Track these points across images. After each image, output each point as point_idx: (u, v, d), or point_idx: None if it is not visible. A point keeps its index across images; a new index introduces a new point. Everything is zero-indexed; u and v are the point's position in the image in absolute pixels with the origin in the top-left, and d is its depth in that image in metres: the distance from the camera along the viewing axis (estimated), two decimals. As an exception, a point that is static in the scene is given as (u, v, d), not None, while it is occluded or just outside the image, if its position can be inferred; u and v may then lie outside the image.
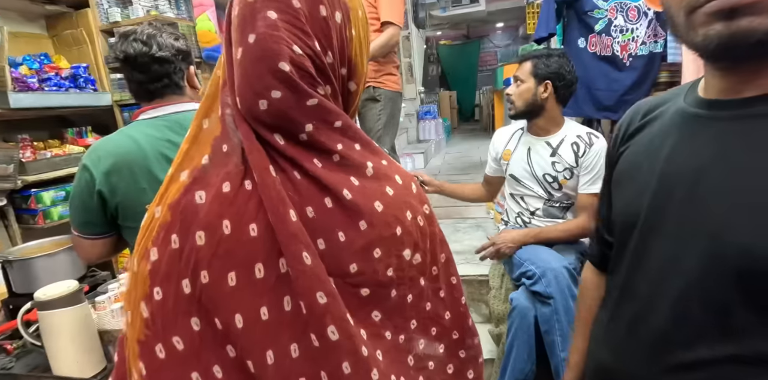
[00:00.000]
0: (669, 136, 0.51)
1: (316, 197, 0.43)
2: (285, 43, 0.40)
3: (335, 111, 0.44)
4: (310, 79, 0.42)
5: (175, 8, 2.25)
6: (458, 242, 2.28)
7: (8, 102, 1.72)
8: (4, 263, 1.47)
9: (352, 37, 0.46)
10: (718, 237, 0.43)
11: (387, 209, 0.45)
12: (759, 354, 0.42)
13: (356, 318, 0.42)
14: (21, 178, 1.75)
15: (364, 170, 0.45)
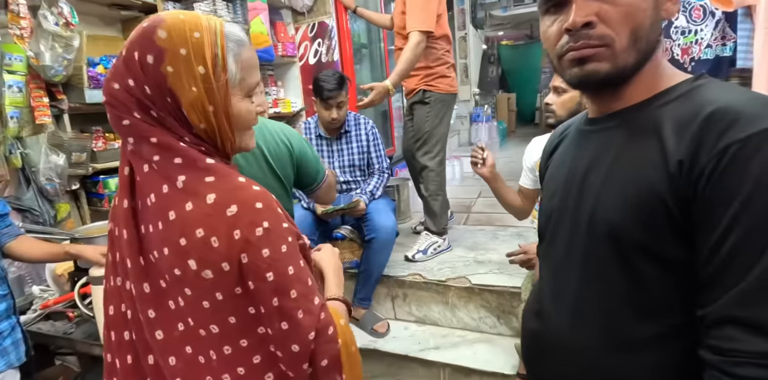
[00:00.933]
0: (570, 149, 0.69)
1: (145, 190, 0.59)
2: (108, 81, 0.59)
3: (151, 130, 0.58)
4: (122, 106, 0.58)
5: (231, 12, 2.40)
6: (495, 250, 2.22)
7: (84, 97, 1.95)
8: (72, 240, 1.66)
9: (168, 73, 0.56)
10: (593, 216, 0.59)
11: (178, 219, 0.56)
12: (628, 297, 0.56)
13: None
14: (92, 165, 1.97)
15: (174, 182, 0.57)
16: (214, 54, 0.57)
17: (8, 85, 1.77)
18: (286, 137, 1.33)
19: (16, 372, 1.22)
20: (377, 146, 2.18)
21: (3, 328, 1.20)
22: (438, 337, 1.87)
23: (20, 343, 1.25)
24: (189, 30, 0.56)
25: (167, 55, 0.56)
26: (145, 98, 0.57)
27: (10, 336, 1.21)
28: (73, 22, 1.88)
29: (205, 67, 0.57)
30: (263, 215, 0.57)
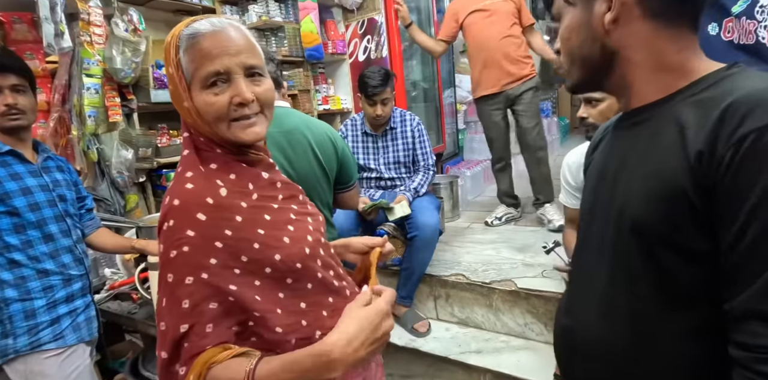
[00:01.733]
0: (605, 147, 0.70)
1: None
2: None
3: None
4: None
5: (283, 12, 2.48)
6: (541, 253, 2.09)
7: (150, 97, 2.10)
8: (137, 228, 1.81)
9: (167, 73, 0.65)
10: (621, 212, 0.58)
11: None
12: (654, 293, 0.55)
13: None
14: (156, 160, 2.13)
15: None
16: (171, 54, 0.62)
17: (87, 88, 1.96)
18: (332, 135, 1.40)
19: (87, 346, 1.33)
20: (423, 142, 2.14)
21: (78, 305, 1.30)
22: (480, 341, 1.80)
23: (93, 320, 1.36)
24: (169, 36, 0.63)
25: (165, 60, 0.64)
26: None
27: (84, 312, 1.32)
28: (141, 28, 2.04)
29: (171, 67, 0.63)
30: (173, 214, 0.59)
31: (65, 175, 1.35)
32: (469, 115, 4.11)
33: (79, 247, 1.33)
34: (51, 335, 1.21)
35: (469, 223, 2.76)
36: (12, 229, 1.17)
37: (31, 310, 1.19)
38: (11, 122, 1.18)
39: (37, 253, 1.20)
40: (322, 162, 1.38)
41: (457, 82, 3.96)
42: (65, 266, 1.26)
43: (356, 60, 2.90)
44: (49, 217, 1.23)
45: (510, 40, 2.41)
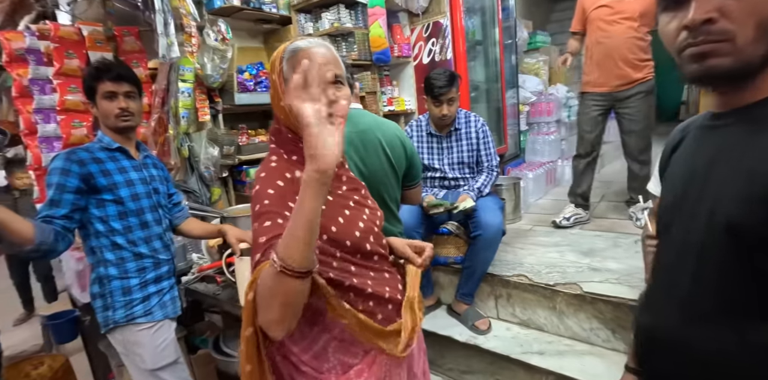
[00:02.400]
0: (692, 145, 0.69)
1: None
2: None
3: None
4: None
5: (353, 19, 2.59)
6: (614, 258, 2.02)
7: (234, 100, 2.31)
8: (221, 218, 2.00)
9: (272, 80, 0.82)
10: (713, 211, 0.57)
11: None
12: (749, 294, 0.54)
13: None
14: (238, 157, 2.33)
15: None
16: (275, 64, 0.80)
17: (181, 91, 2.19)
18: (401, 135, 1.48)
19: (173, 322, 1.47)
20: (487, 143, 2.15)
21: (164, 286, 1.45)
22: (542, 342, 1.78)
23: (177, 299, 1.50)
24: (276, 51, 0.82)
25: (270, 68, 0.82)
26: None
27: (169, 292, 1.46)
28: (228, 37, 2.24)
29: (274, 73, 0.80)
30: (259, 181, 0.77)
31: (159, 171, 1.51)
32: (532, 116, 4.02)
33: (167, 235, 1.47)
34: (142, 310, 1.35)
35: (531, 225, 2.72)
36: (117, 215, 1.32)
37: (128, 287, 1.35)
38: (123, 123, 1.34)
39: (134, 238, 1.35)
40: (392, 160, 1.46)
41: (521, 83, 3.89)
42: (156, 250, 1.40)
43: (420, 62, 2.97)
44: (146, 207, 1.38)
45: (631, 42, 2.35)
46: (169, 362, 1.40)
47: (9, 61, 1.99)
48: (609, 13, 2.38)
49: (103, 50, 2.12)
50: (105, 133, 1.37)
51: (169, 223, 1.53)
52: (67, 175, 1.23)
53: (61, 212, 1.21)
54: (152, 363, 1.38)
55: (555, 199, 3.34)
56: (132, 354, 1.39)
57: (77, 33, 2.07)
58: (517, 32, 3.83)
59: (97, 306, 1.36)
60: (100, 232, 1.32)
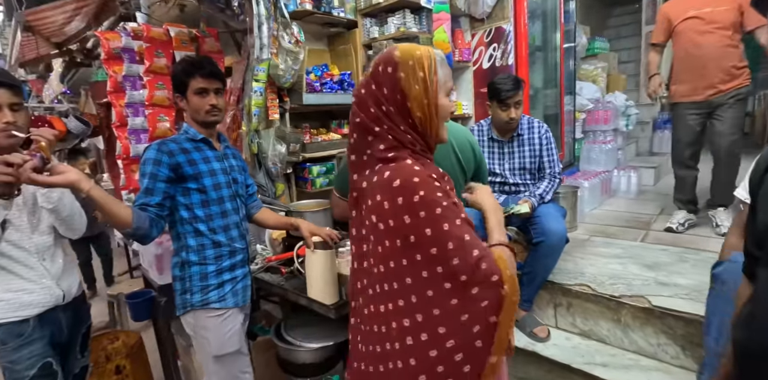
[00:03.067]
0: None
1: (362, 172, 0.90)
2: (359, 87, 0.89)
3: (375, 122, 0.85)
4: (363, 102, 0.87)
5: (418, 23, 2.64)
6: (682, 274, 1.94)
7: (302, 100, 2.40)
8: (287, 212, 2.09)
9: (401, 77, 0.83)
10: None
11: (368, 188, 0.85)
12: None
13: None
14: (302, 154, 2.42)
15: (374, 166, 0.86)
16: (429, 64, 0.83)
17: (254, 91, 2.31)
18: (471, 139, 1.51)
19: (241, 311, 1.51)
20: (551, 150, 2.13)
21: (238, 274, 1.50)
22: (605, 355, 1.74)
23: (248, 289, 1.55)
24: (413, 49, 0.84)
25: (401, 66, 0.83)
26: (382, 96, 0.84)
27: (242, 281, 1.52)
28: (301, 39, 2.34)
29: (423, 72, 0.83)
30: (419, 187, 0.77)
31: (238, 162, 1.56)
32: (588, 124, 3.92)
33: (243, 224, 1.51)
34: (216, 296, 1.41)
35: (589, 235, 2.66)
36: (200, 203, 1.38)
37: (205, 273, 1.41)
38: (212, 118, 1.41)
39: (214, 226, 1.40)
40: (462, 163, 1.49)
41: (578, 90, 3.81)
42: (233, 239, 1.45)
43: (480, 67, 2.97)
44: (226, 196, 1.43)
45: (727, 50, 2.35)
46: (232, 351, 1.44)
47: (107, 58, 2.17)
48: (701, 24, 2.36)
49: (187, 50, 2.28)
50: (190, 125, 1.44)
51: (246, 212, 1.59)
52: (159, 165, 1.31)
53: (155, 200, 1.30)
54: (216, 349, 1.43)
55: (611, 210, 3.24)
56: (200, 337, 1.45)
57: (166, 34, 2.23)
58: (576, 37, 3.76)
59: (177, 288, 1.44)
60: (184, 219, 1.39)
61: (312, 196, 2.40)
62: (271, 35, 1.87)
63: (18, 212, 1.29)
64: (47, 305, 1.33)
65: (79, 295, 1.48)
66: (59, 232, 1.40)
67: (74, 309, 1.45)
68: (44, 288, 1.33)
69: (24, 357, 1.28)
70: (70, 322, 1.43)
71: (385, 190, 0.79)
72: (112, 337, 2.14)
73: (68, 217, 1.36)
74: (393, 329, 0.80)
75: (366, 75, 0.88)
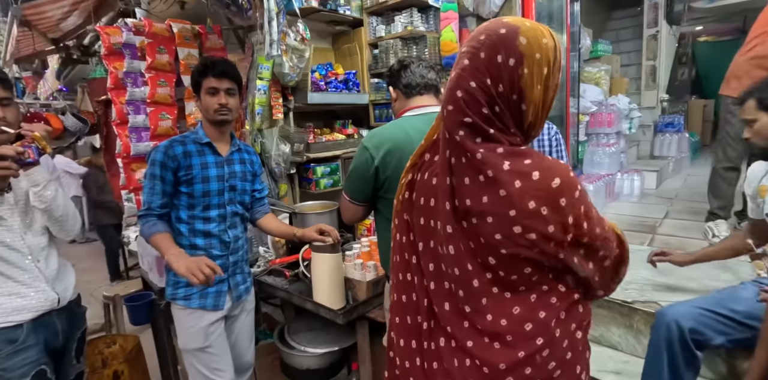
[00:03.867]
0: None
1: (464, 173, 0.70)
2: (466, 79, 0.67)
3: (489, 124, 0.68)
4: (475, 102, 0.67)
5: (425, 22, 2.60)
6: (693, 279, 1.91)
7: (306, 99, 2.36)
8: (291, 214, 2.04)
9: (524, 74, 0.65)
10: None
11: (508, 195, 0.66)
12: None
13: None
14: (306, 154, 2.37)
15: (501, 167, 0.66)
16: (555, 57, 0.66)
17: (258, 89, 2.26)
18: None
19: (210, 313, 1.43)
20: (560, 152, 2.10)
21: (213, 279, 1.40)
22: (618, 362, 1.70)
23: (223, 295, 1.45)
24: (541, 36, 0.65)
25: (526, 59, 0.64)
26: (497, 94, 0.66)
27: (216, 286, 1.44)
28: (307, 37, 2.30)
29: (548, 68, 0.66)
30: (575, 182, 0.67)
31: (245, 167, 1.51)
32: (591, 126, 3.91)
33: (229, 232, 1.46)
34: (183, 294, 1.42)
35: (595, 239, 2.62)
36: (186, 206, 1.40)
37: None
38: (221, 116, 1.39)
39: (195, 228, 1.41)
40: None
41: (581, 92, 3.79)
42: (210, 245, 1.43)
43: (486, 68, 2.94)
44: (214, 204, 1.42)
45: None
46: (195, 347, 1.43)
47: (107, 54, 2.11)
48: None
49: (190, 47, 2.22)
50: (204, 126, 1.44)
51: (244, 218, 1.54)
52: (165, 168, 1.35)
53: (157, 202, 1.37)
54: (182, 343, 1.46)
55: (616, 213, 3.22)
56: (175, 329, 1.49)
57: (168, 29, 2.17)
58: (580, 40, 3.74)
59: (167, 279, 1.47)
60: (171, 217, 1.43)
61: (316, 197, 2.36)
62: (281, 31, 1.81)
63: (9, 211, 1.23)
64: (41, 309, 1.27)
65: (75, 298, 1.42)
66: (52, 233, 1.35)
67: (69, 313, 1.38)
68: (38, 291, 1.27)
69: (17, 365, 1.22)
70: (65, 327, 1.36)
71: (541, 194, 0.65)
72: (108, 341, 2.08)
73: (62, 217, 1.30)
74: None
75: (473, 62, 0.67)
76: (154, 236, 1.34)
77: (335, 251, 1.55)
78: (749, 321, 1.28)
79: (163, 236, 1.34)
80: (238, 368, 1.60)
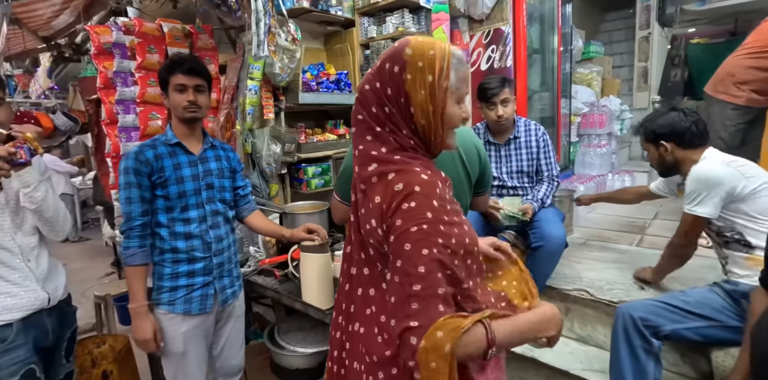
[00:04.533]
0: None
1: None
2: (363, 84, 0.80)
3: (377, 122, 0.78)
4: (366, 101, 0.78)
5: (416, 23, 2.61)
6: (678, 280, 1.93)
7: (297, 99, 2.36)
8: (282, 214, 2.04)
9: (407, 79, 0.74)
10: None
11: (369, 190, 0.77)
12: None
13: None
14: (298, 154, 2.38)
15: (368, 166, 0.78)
16: (441, 67, 0.74)
17: (249, 89, 2.26)
18: (476, 142, 1.47)
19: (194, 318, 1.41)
20: (548, 153, 2.11)
21: (197, 282, 1.41)
22: (603, 361, 1.72)
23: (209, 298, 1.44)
24: (427, 49, 0.74)
25: (408, 66, 0.74)
26: (385, 96, 0.76)
27: (201, 289, 1.42)
28: (298, 37, 2.30)
29: (433, 76, 0.73)
30: (416, 197, 0.70)
31: (221, 164, 1.49)
32: (582, 127, 3.94)
33: (211, 232, 1.44)
34: (167, 299, 1.38)
35: (585, 239, 2.65)
36: (164, 209, 1.38)
37: (161, 274, 1.40)
38: (190, 114, 1.37)
39: (175, 231, 1.39)
40: (468, 168, 1.43)
41: (573, 93, 3.82)
42: (192, 247, 1.40)
43: (478, 69, 2.95)
44: (192, 204, 1.40)
45: None
46: (174, 352, 1.41)
47: (97, 53, 2.11)
48: None
49: (180, 46, 2.22)
50: (173, 125, 1.42)
51: (226, 217, 1.52)
52: (139, 174, 1.33)
53: (138, 210, 1.35)
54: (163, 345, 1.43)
55: (607, 214, 3.25)
56: None
57: (158, 29, 2.17)
58: (573, 41, 3.77)
59: (153, 282, 1.44)
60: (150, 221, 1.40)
61: (307, 197, 2.36)
62: (268, 32, 1.81)
63: (0, 211, 1.24)
64: (32, 308, 1.27)
65: (65, 298, 1.43)
66: (43, 233, 1.35)
67: (60, 312, 1.39)
68: (29, 290, 1.27)
69: (6, 364, 1.22)
70: (55, 326, 1.37)
71: (386, 193, 0.73)
72: (98, 341, 2.07)
73: (52, 218, 1.31)
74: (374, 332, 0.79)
75: (372, 70, 0.79)
76: (130, 269, 1.35)
77: (324, 251, 1.56)
78: (698, 309, 1.36)
79: (137, 274, 1.35)
80: (227, 372, 1.60)
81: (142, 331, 1.34)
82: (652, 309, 1.40)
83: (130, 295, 1.35)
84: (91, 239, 5.74)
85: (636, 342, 1.38)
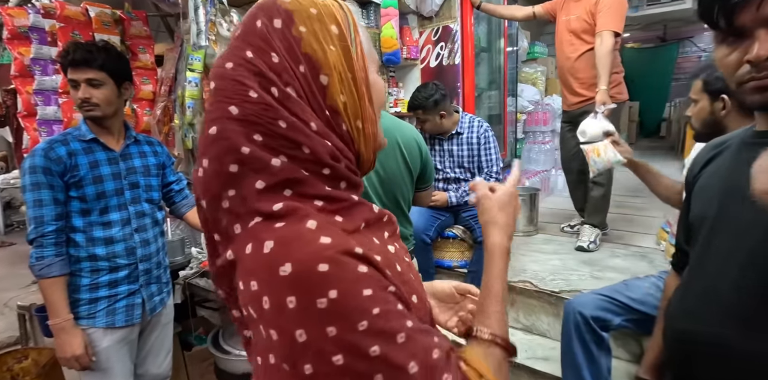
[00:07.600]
0: (730, 161, 0.74)
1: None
2: (218, 66, 0.46)
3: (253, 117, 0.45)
4: (235, 88, 0.44)
5: (365, 18, 2.59)
6: (613, 269, 2.07)
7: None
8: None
9: (302, 34, 0.46)
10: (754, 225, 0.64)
11: (238, 260, 0.44)
12: None
13: None
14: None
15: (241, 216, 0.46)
16: (344, 13, 0.49)
17: (189, 81, 2.13)
18: (417, 137, 1.48)
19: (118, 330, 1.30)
20: (489, 150, 2.17)
21: (120, 291, 1.30)
22: (546, 348, 1.80)
23: (136, 307, 1.34)
24: (336, 7, 0.49)
25: (297, 16, 0.46)
26: (269, 69, 0.44)
27: (126, 299, 1.31)
28: (242, 28, 2.20)
29: (338, 26, 0.47)
30: (329, 282, 0.39)
31: (146, 160, 1.38)
32: (528, 124, 4.09)
33: (136, 237, 1.33)
34: (86, 312, 1.26)
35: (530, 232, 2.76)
36: (79, 212, 1.24)
37: (77, 286, 1.26)
38: (86, 113, 1.25)
39: (93, 236, 1.26)
40: (408, 162, 1.45)
41: (519, 92, 3.96)
42: (114, 254, 1.28)
43: (428, 66, 2.98)
44: (113, 205, 1.28)
45: (580, 62, 2.34)
46: (96, 369, 1.29)
47: (11, 38, 1.90)
48: (563, 30, 2.44)
49: (110, 33, 2.05)
50: (86, 120, 1.29)
51: (155, 220, 1.42)
52: (50, 174, 1.20)
53: (52, 213, 1.20)
54: None
55: (550, 208, 3.40)
56: None
57: (84, 13, 1.99)
58: (518, 41, 3.90)
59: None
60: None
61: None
62: (208, 20, 1.71)
63: None
64: None
65: None
66: None
67: None
68: None
69: None
70: None
71: (265, 278, 0.40)
72: (20, 356, 1.89)
73: None
74: None
75: (234, 39, 0.48)
76: (47, 281, 1.18)
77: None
78: (640, 306, 1.44)
79: (57, 285, 1.19)
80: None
81: (70, 347, 1.20)
82: (600, 305, 1.45)
83: (51, 310, 1.20)
84: (16, 244, 5.24)
85: (588, 337, 1.43)
